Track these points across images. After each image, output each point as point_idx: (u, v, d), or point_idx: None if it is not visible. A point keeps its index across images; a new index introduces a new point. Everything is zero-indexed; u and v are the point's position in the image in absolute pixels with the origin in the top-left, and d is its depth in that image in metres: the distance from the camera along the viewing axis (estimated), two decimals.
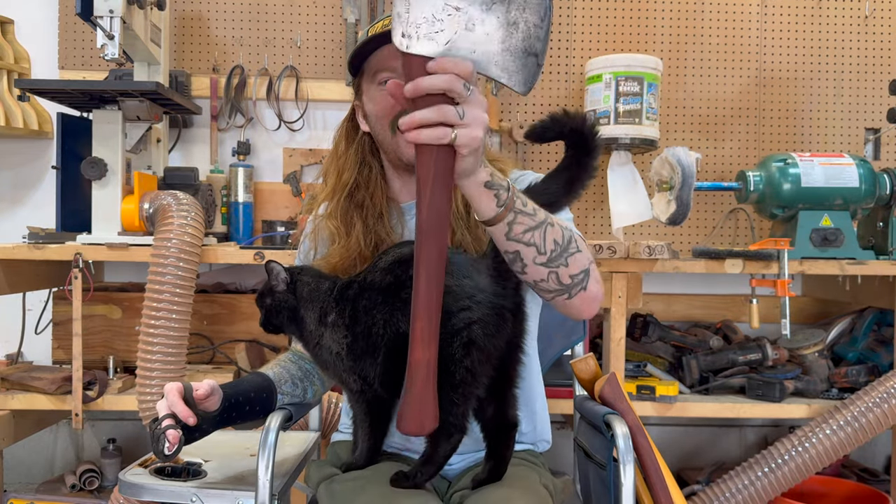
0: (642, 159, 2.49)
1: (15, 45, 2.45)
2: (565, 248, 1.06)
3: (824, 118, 2.59)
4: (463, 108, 0.89)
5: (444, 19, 0.87)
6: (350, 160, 1.35)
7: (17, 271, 2.05)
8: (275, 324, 1.25)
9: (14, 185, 2.51)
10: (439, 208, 0.91)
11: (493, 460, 1.20)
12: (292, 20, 2.51)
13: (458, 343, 1.08)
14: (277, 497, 1.22)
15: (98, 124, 2.03)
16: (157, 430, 1.11)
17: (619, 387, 1.40)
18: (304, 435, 1.62)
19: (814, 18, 2.57)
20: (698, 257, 2.03)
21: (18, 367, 2.19)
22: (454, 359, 1.08)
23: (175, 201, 1.98)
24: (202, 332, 2.31)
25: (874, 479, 2.38)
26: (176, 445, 1.10)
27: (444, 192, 0.91)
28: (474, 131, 0.90)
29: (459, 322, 1.08)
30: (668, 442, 2.63)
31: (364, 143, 1.36)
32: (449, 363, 1.07)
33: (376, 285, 1.16)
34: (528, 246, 1.04)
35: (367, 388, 1.19)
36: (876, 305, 2.33)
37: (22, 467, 2.53)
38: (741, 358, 2.19)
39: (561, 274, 1.07)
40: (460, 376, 1.08)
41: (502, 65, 0.89)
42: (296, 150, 2.53)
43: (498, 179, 0.99)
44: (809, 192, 2.08)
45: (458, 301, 1.09)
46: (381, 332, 1.14)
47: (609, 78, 2.25)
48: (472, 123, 0.89)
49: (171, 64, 2.42)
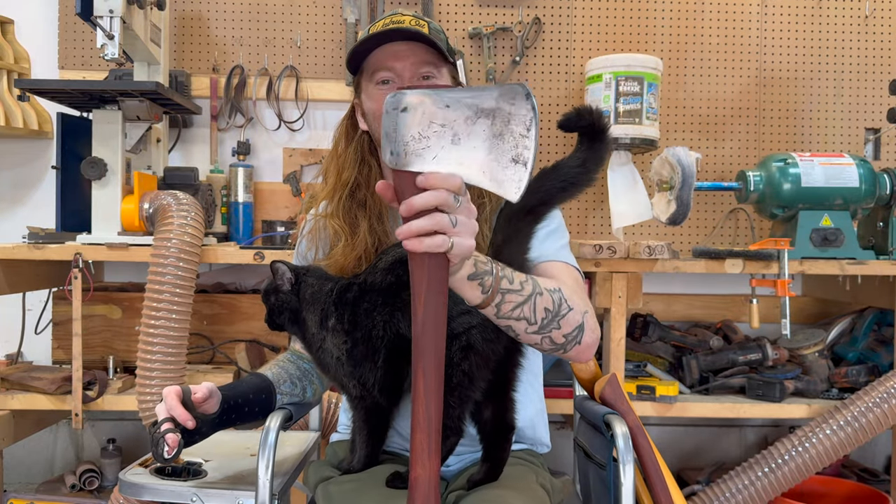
0: (642, 159, 2.49)
1: (15, 45, 2.44)
2: (556, 313, 1.08)
3: (824, 118, 2.59)
4: (455, 216, 0.89)
5: (430, 136, 0.88)
6: (349, 158, 1.35)
7: (17, 271, 2.05)
8: (278, 322, 1.26)
9: (14, 185, 2.51)
10: (435, 318, 0.91)
11: (490, 462, 1.21)
12: (292, 20, 2.51)
13: (456, 347, 1.09)
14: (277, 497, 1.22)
15: (98, 124, 2.03)
16: (157, 434, 1.12)
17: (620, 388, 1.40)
18: (304, 435, 1.62)
19: (814, 18, 2.57)
20: (698, 257, 2.03)
21: (18, 367, 2.19)
22: (452, 362, 1.08)
23: (175, 201, 1.98)
24: (202, 332, 2.31)
25: (874, 479, 2.38)
26: (175, 449, 1.11)
27: (438, 301, 0.91)
28: (467, 240, 0.91)
29: (459, 326, 1.09)
30: (668, 442, 2.63)
31: (363, 141, 1.36)
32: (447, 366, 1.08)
33: (377, 286, 1.16)
34: (518, 321, 1.05)
35: (367, 394, 1.19)
36: (876, 305, 2.33)
37: (22, 467, 2.53)
38: (741, 358, 2.19)
39: (554, 336, 1.09)
40: (457, 379, 1.09)
41: (490, 175, 0.90)
42: (296, 150, 2.53)
43: (481, 267, 1.00)
44: (809, 192, 2.08)
45: (458, 304, 1.09)
46: (380, 335, 1.14)
47: (609, 78, 2.25)
48: (464, 232, 0.90)
49: (171, 64, 2.42)
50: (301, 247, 1.42)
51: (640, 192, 2.30)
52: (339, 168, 1.36)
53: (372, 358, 1.16)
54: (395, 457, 1.33)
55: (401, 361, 1.13)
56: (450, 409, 1.09)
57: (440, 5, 2.50)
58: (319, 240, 1.37)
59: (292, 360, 1.38)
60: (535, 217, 1.15)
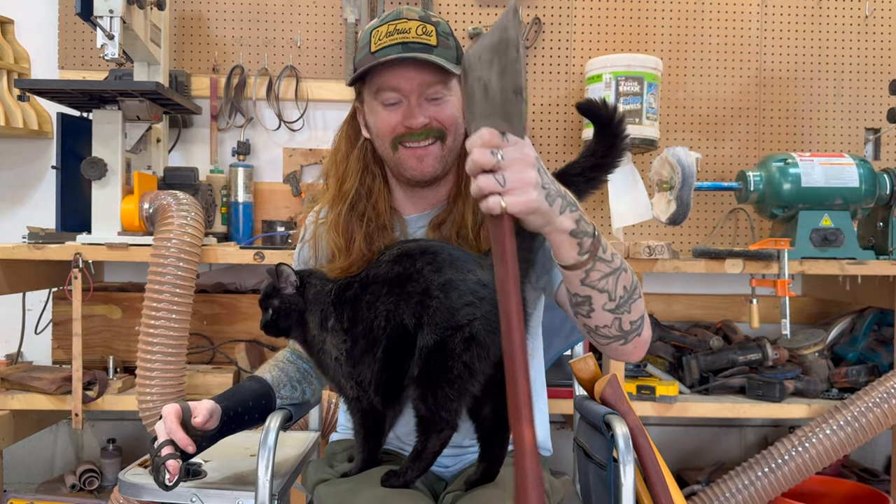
0: (642, 159, 2.49)
1: (15, 45, 2.44)
2: (631, 295, 1.07)
3: (824, 118, 2.59)
4: (502, 174, 0.88)
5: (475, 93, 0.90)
6: (352, 167, 1.29)
7: (17, 271, 2.05)
8: (282, 326, 1.22)
9: (14, 185, 2.51)
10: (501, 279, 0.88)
11: (487, 461, 1.19)
12: (292, 20, 2.51)
13: (459, 338, 1.08)
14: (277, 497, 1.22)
15: (98, 124, 2.03)
16: (158, 460, 1.12)
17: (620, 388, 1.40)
18: (303, 435, 1.62)
19: (814, 18, 2.57)
20: (698, 257, 2.03)
21: (18, 367, 2.19)
22: (454, 353, 1.08)
23: (175, 201, 1.98)
24: (202, 332, 2.31)
25: (874, 479, 2.38)
26: (176, 476, 1.11)
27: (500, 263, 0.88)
28: (521, 196, 0.89)
29: (463, 318, 1.09)
30: (668, 442, 2.63)
31: (366, 148, 1.30)
32: (447, 357, 1.08)
33: (381, 278, 1.16)
34: (601, 292, 1.04)
35: (363, 394, 1.19)
36: (876, 305, 2.33)
37: (22, 467, 2.53)
38: (741, 358, 2.19)
39: (623, 320, 1.08)
40: (458, 371, 1.08)
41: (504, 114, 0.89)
42: (296, 150, 2.52)
43: (584, 227, 0.98)
44: (809, 192, 2.08)
45: (463, 296, 1.09)
46: (382, 325, 1.14)
47: (609, 78, 2.26)
48: (518, 187, 0.89)
49: (171, 64, 2.42)
50: (303, 253, 1.39)
51: (640, 192, 2.30)
52: (340, 176, 1.30)
53: (371, 351, 1.15)
54: (392, 456, 1.33)
55: (400, 356, 1.13)
56: (448, 401, 1.09)
57: (440, 5, 2.50)
58: (318, 248, 1.33)
59: (292, 360, 1.38)
60: None
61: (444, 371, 1.08)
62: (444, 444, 1.12)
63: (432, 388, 1.10)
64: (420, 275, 1.12)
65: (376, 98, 1.22)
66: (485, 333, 1.09)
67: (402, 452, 1.33)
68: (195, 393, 2.03)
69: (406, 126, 1.20)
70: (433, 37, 1.19)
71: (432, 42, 1.19)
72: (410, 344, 1.12)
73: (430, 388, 1.10)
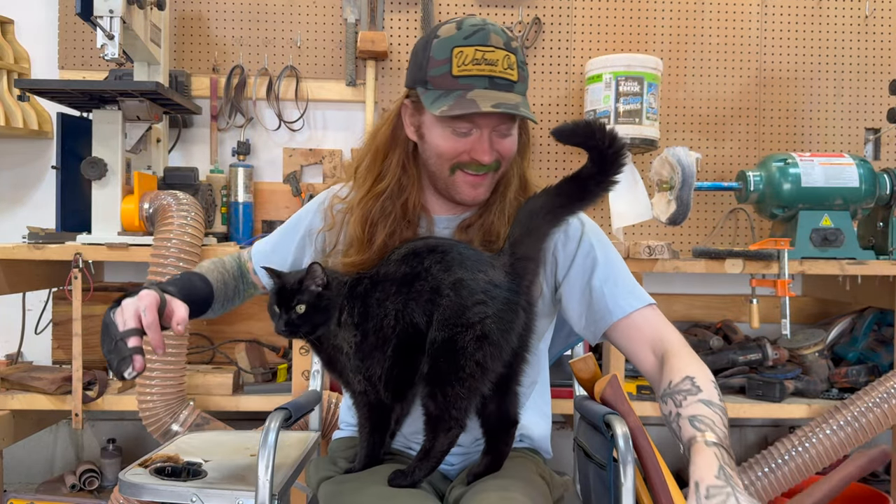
0: (642, 159, 2.49)
1: (15, 45, 2.44)
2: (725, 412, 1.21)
3: (824, 118, 2.59)
4: None
5: None
6: (391, 167, 1.26)
7: (17, 271, 2.05)
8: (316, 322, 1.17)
9: (14, 185, 2.51)
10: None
11: (491, 455, 1.21)
12: (292, 20, 2.51)
13: (470, 336, 1.09)
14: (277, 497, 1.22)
15: (98, 124, 2.03)
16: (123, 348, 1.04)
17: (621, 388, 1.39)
18: (304, 435, 1.62)
19: (814, 18, 2.57)
20: (698, 257, 2.03)
21: (18, 367, 2.19)
22: (466, 352, 1.08)
23: (175, 201, 1.98)
24: (202, 332, 2.31)
25: (874, 479, 2.38)
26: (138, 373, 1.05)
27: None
28: None
29: (474, 316, 1.09)
30: (669, 442, 2.62)
31: (408, 148, 1.27)
32: (459, 356, 1.08)
33: (390, 277, 1.16)
34: None
35: (371, 388, 1.19)
36: (876, 305, 2.33)
37: (22, 467, 2.53)
38: (741, 358, 2.19)
39: None
40: (470, 370, 1.09)
41: None
42: (296, 150, 2.52)
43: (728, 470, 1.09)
44: (809, 192, 2.08)
45: (474, 295, 1.09)
46: (392, 324, 1.14)
47: (609, 78, 2.25)
48: None
49: (171, 64, 2.42)
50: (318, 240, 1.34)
51: (640, 192, 2.30)
52: (377, 174, 1.27)
53: (381, 348, 1.15)
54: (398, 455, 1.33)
55: (411, 353, 1.13)
56: (458, 399, 1.09)
57: (440, 5, 2.50)
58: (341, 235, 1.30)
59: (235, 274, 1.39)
60: (554, 218, 1.17)
61: (455, 369, 1.08)
62: (452, 443, 1.13)
63: (442, 385, 1.10)
64: (428, 273, 1.13)
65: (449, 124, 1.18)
66: (497, 332, 1.09)
67: (407, 451, 1.33)
68: (195, 393, 2.03)
69: (473, 158, 1.20)
70: (515, 70, 1.18)
71: (514, 77, 1.18)
72: (421, 342, 1.12)
73: (439, 385, 1.10)
